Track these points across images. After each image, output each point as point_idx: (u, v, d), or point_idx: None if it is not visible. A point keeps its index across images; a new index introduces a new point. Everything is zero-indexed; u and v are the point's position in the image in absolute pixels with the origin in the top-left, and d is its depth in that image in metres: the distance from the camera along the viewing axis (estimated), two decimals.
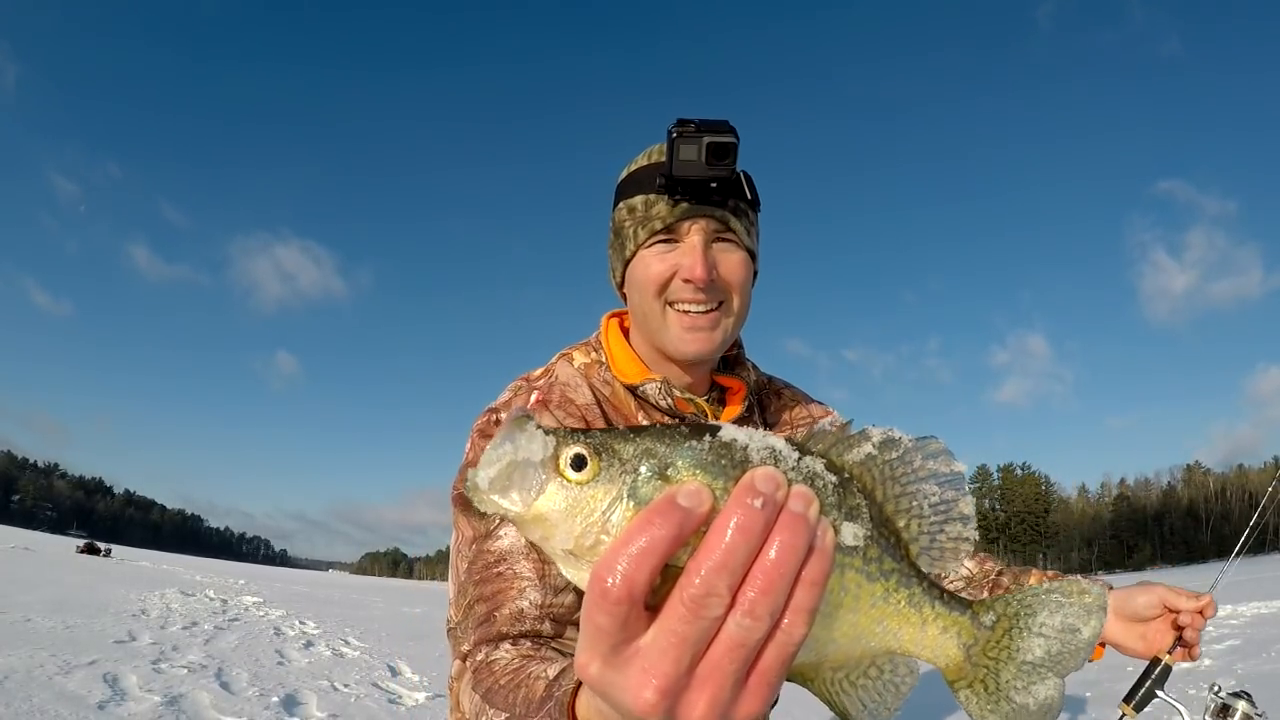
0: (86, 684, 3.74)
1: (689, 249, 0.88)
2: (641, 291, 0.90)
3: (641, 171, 0.92)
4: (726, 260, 0.89)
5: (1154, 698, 1.13)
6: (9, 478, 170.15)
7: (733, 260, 0.90)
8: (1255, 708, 1.19)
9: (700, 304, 0.88)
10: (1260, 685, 3.95)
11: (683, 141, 0.83)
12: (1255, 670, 4.46)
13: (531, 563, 0.83)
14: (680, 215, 0.87)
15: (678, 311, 0.89)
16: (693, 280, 0.86)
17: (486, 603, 0.83)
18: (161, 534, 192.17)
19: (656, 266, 0.89)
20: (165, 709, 3.42)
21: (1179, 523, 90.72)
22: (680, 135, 0.83)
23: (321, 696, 4.10)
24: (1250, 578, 20.64)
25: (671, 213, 0.87)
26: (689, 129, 0.84)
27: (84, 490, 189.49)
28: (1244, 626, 7.27)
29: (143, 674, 4.19)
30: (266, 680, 4.49)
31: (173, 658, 4.95)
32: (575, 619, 0.83)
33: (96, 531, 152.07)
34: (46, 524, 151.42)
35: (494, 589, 0.83)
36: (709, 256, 0.87)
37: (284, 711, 3.69)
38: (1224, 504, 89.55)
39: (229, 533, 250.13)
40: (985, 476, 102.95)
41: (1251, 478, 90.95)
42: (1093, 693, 4.28)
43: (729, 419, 0.97)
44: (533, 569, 0.83)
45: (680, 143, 0.83)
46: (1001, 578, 1.05)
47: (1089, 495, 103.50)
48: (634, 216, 0.90)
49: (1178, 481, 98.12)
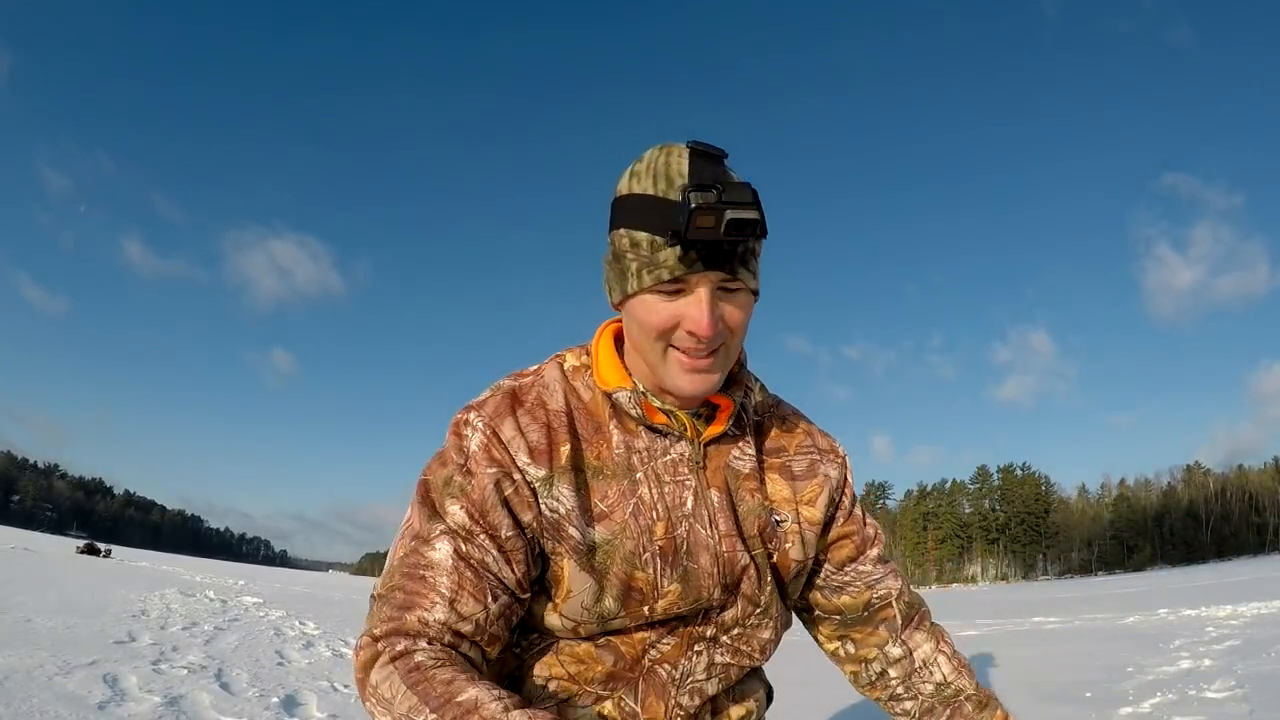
0: (86, 684, 3.74)
1: (696, 303, 0.84)
2: (642, 329, 0.88)
3: (646, 203, 0.84)
4: (730, 310, 0.87)
5: None
6: (9, 478, 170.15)
7: (736, 308, 0.87)
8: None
9: (701, 350, 0.87)
10: (1260, 685, 3.95)
11: (700, 214, 0.77)
12: (1255, 670, 4.46)
13: (451, 582, 0.85)
14: (688, 270, 0.83)
15: (678, 351, 0.87)
16: (698, 334, 0.84)
17: (405, 595, 0.86)
18: (161, 534, 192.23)
19: (660, 315, 0.85)
20: (165, 709, 3.42)
21: (1179, 523, 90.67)
22: (699, 208, 0.77)
23: (321, 696, 4.10)
24: (1250, 578, 20.65)
25: (679, 266, 0.82)
26: (709, 199, 0.77)
27: (84, 490, 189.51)
28: (1244, 626, 7.27)
29: (143, 674, 4.19)
30: (266, 680, 4.49)
31: (173, 658, 4.96)
32: (474, 639, 0.87)
33: (96, 532, 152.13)
34: (46, 524, 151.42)
35: (414, 588, 0.86)
36: (715, 311, 0.85)
37: (284, 712, 3.69)
38: (1224, 504, 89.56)
39: (229, 533, 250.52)
40: (985, 477, 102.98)
41: (1252, 478, 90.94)
42: (1093, 693, 4.28)
43: (709, 436, 0.96)
44: (449, 589, 0.85)
45: (698, 214, 0.77)
46: (964, 705, 1.03)
47: (1089, 495, 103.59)
48: (637, 254, 0.84)
49: (1178, 481, 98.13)
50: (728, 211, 0.78)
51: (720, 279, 0.84)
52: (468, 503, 0.88)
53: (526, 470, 0.89)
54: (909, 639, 1.09)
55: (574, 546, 0.89)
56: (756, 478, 0.99)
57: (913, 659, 1.08)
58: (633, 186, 0.87)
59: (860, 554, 1.09)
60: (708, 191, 0.78)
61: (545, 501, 0.89)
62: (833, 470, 1.07)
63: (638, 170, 0.87)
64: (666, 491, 0.93)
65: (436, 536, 0.88)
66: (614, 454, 0.93)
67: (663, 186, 0.83)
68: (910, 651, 1.08)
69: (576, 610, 0.91)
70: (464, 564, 0.86)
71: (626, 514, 0.91)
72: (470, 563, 0.86)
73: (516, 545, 0.89)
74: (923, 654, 1.08)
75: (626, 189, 0.87)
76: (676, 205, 0.81)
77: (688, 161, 0.84)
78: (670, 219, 0.81)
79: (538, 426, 0.91)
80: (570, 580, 0.90)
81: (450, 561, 0.86)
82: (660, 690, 0.95)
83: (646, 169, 0.86)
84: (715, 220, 0.78)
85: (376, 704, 0.81)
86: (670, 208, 0.82)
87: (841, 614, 1.09)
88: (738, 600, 0.97)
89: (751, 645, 1.00)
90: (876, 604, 1.08)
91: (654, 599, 0.91)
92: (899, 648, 1.08)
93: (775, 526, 0.99)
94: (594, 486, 0.92)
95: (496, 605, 0.87)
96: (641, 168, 0.87)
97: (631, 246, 0.85)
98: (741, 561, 0.95)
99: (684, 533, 0.93)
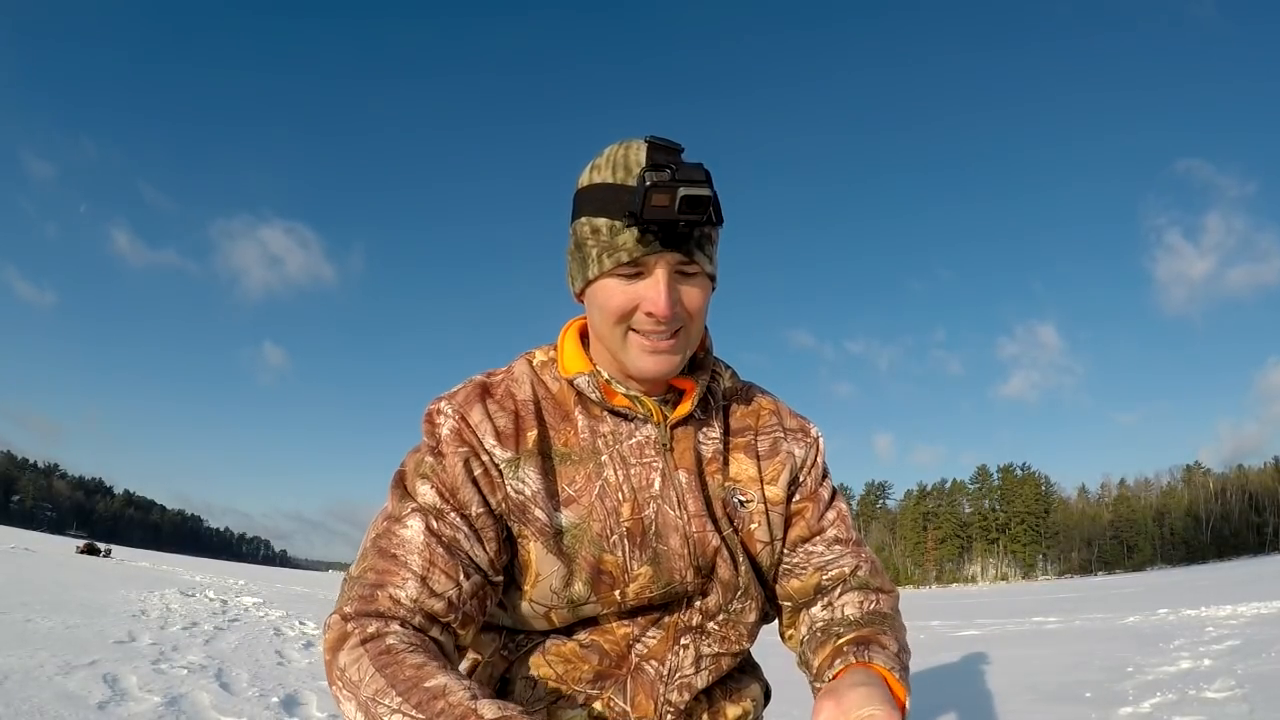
0: (86, 684, 3.74)
1: (653, 285, 0.88)
2: (603, 315, 0.90)
3: (605, 191, 0.88)
4: (688, 292, 0.90)
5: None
6: (9, 478, 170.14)
7: (694, 290, 0.91)
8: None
9: (661, 333, 0.90)
10: (1260, 685, 3.95)
11: (655, 191, 0.82)
12: (1255, 670, 4.46)
13: (422, 559, 0.86)
14: (646, 251, 0.86)
15: (638, 335, 0.90)
16: (656, 315, 0.87)
17: (376, 574, 0.86)
18: (161, 534, 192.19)
19: (619, 297, 0.89)
20: (165, 709, 3.42)
21: (1179, 523, 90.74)
22: (654, 185, 0.82)
23: (321, 696, 4.09)
24: (1250, 578, 20.65)
25: (637, 247, 0.86)
26: (664, 177, 0.82)
27: (84, 490, 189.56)
28: (1244, 626, 7.27)
29: (143, 674, 4.19)
30: (266, 680, 4.49)
31: (173, 658, 4.96)
32: (445, 620, 0.86)
33: (96, 532, 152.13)
34: (46, 524, 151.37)
35: (385, 567, 0.86)
36: (673, 292, 0.88)
37: (284, 711, 3.69)
38: (1224, 504, 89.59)
39: (229, 533, 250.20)
40: (985, 476, 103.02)
41: (1252, 478, 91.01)
42: (1093, 693, 4.28)
43: (677, 419, 0.98)
44: (421, 566, 0.86)
45: (653, 192, 0.82)
46: (841, 647, 0.91)
47: (1089, 495, 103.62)
48: (598, 239, 0.88)
49: (1178, 481, 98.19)
50: (681, 189, 0.82)
51: (678, 261, 0.88)
52: (438, 482, 0.89)
53: (493, 452, 0.91)
54: (837, 600, 1.01)
55: (540, 529, 0.91)
56: (721, 459, 1.00)
57: (831, 616, 1.00)
58: (593, 178, 0.90)
59: (814, 534, 1.04)
60: (661, 171, 0.83)
61: (511, 483, 0.91)
62: (798, 448, 1.06)
63: (598, 164, 0.91)
64: (633, 473, 0.94)
65: (408, 514, 0.89)
66: (580, 439, 0.95)
67: (621, 175, 0.87)
68: (834, 612, 1.00)
69: (546, 595, 0.92)
70: (435, 540, 0.87)
71: (593, 496, 0.93)
72: (442, 539, 0.87)
73: (487, 524, 0.90)
74: (842, 608, 1.00)
75: (587, 181, 0.91)
76: (633, 190, 0.84)
77: (645, 153, 0.87)
78: (627, 202, 0.85)
79: (505, 414, 0.94)
80: (538, 563, 0.91)
81: (422, 539, 0.87)
82: (649, 688, 0.95)
83: (606, 161, 0.90)
84: (670, 198, 0.82)
85: (343, 687, 0.79)
86: (626, 192, 0.85)
87: (792, 600, 1.04)
88: (715, 585, 0.97)
89: (738, 631, 1.00)
90: (827, 586, 1.02)
91: (624, 582, 0.92)
92: (825, 610, 1.02)
93: (739, 506, 0.99)
94: (561, 471, 0.93)
95: (469, 584, 0.88)
96: (601, 161, 0.90)
97: (592, 233, 0.89)
98: (713, 542, 0.95)
99: (651, 514, 0.93)
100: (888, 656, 0.89)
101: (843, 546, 1.04)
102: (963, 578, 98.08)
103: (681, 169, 0.83)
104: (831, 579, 1.03)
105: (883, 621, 0.97)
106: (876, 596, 1.02)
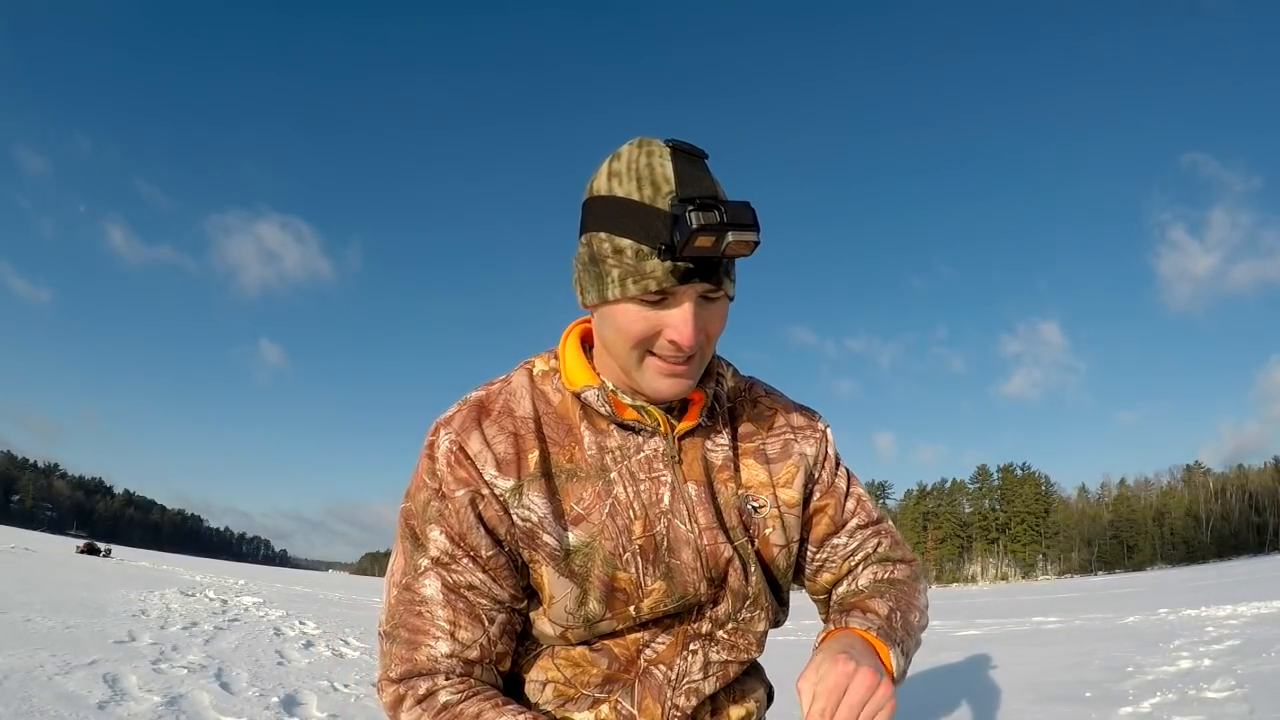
0: (86, 684, 3.74)
1: (680, 315, 0.82)
2: (620, 337, 0.85)
3: (630, 209, 0.80)
4: (712, 318, 0.87)
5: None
6: (9, 478, 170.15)
7: (716, 315, 0.87)
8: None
9: (680, 358, 0.86)
10: (1260, 685, 3.95)
11: (702, 234, 0.74)
12: (1255, 670, 4.45)
13: (446, 615, 0.88)
14: (677, 283, 0.80)
15: (656, 358, 0.86)
16: (680, 344, 0.83)
17: (409, 633, 0.89)
18: (161, 534, 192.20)
19: (641, 324, 0.83)
20: (165, 709, 3.42)
21: (1179, 523, 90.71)
22: (702, 228, 0.74)
23: (321, 696, 4.09)
24: (1250, 578, 20.65)
25: (668, 278, 0.80)
26: (712, 219, 0.74)
27: (84, 490, 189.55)
28: (1244, 626, 7.27)
29: (143, 674, 4.19)
30: (266, 680, 4.49)
31: (173, 658, 4.96)
32: (483, 662, 0.90)
33: (96, 531, 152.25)
34: (46, 524, 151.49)
35: (416, 625, 0.89)
36: (699, 321, 0.84)
37: (284, 711, 3.69)
38: (1224, 504, 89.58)
39: (229, 533, 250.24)
40: (985, 476, 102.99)
41: (1252, 478, 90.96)
42: (1093, 693, 4.28)
43: (683, 430, 0.95)
44: (447, 621, 0.88)
45: (699, 234, 0.74)
46: (846, 618, 0.96)
47: (1089, 495, 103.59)
48: (620, 262, 0.81)
49: (1178, 481, 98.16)
50: (730, 234, 0.75)
51: (706, 289, 0.83)
52: (447, 527, 0.89)
53: (495, 484, 0.89)
54: (858, 577, 1.06)
55: (550, 553, 0.89)
56: (731, 466, 0.98)
57: (846, 590, 1.05)
58: (613, 188, 0.82)
59: (838, 528, 1.06)
60: (710, 211, 0.75)
61: (516, 512, 0.89)
62: (809, 447, 1.04)
63: (616, 170, 0.83)
64: (642, 489, 0.92)
65: (423, 572, 0.90)
66: (586, 455, 0.92)
67: (649, 193, 0.80)
68: (850, 587, 1.06)
69: (562, 616, 0.91)
70: (454, 595, 0.89)
71: (603, 515, 0.91)
72: (459, 592, 0.89)
73: (499, 563, 0.90)
74: (855, 582, 1.05)
75: (606, 189, 0.83)
76: (666, 216, 0.78)
77: (670, 164, 0.81)
78: (658, 229, 0.78)
79: (504, 436, 0.91)
80: (551, 587, 0.90)
81: (441, 595, 0.89)
82: (656, 692, 0.94)
83: (627, 169, 0.82)
84: (715, 242, 0.76)
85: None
86: (657, 217, 0.79)
87: (829, 593, 1.08)
88: (726, 594, 0.96)
89: (748, 639, 0.99)
90: (854, 568, 1.07)
91: (639, 598, 0.91)
92: (843, 588, 1.06)
93: (753, 513, 0.98)
94: (567, 490, 0.91)
95: (495, 626, 0.90)
96: (621, 167, 0.83)
97: (614, 253, 0.81)
98: (725, 554, 0.94)
99: (663, 529, 0.92)
100: (869, 619, 0.92)
101: (865, 531, 1.07)
102: (963, 577, 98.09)
103: (730, 210, 0.75)
104: (858, 562, 1.07)
105: (890, 588, 1.01)
106: (893, 566, 1.06)
